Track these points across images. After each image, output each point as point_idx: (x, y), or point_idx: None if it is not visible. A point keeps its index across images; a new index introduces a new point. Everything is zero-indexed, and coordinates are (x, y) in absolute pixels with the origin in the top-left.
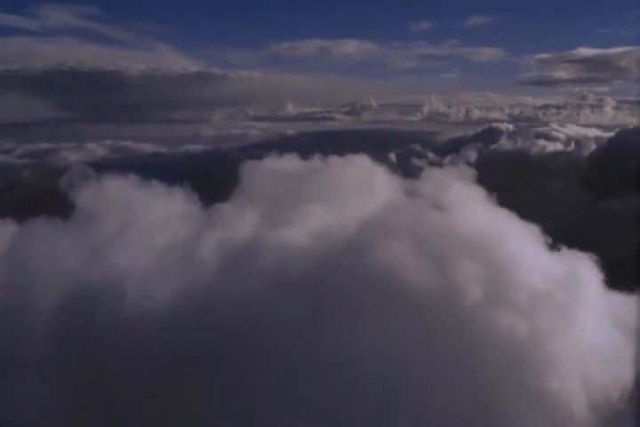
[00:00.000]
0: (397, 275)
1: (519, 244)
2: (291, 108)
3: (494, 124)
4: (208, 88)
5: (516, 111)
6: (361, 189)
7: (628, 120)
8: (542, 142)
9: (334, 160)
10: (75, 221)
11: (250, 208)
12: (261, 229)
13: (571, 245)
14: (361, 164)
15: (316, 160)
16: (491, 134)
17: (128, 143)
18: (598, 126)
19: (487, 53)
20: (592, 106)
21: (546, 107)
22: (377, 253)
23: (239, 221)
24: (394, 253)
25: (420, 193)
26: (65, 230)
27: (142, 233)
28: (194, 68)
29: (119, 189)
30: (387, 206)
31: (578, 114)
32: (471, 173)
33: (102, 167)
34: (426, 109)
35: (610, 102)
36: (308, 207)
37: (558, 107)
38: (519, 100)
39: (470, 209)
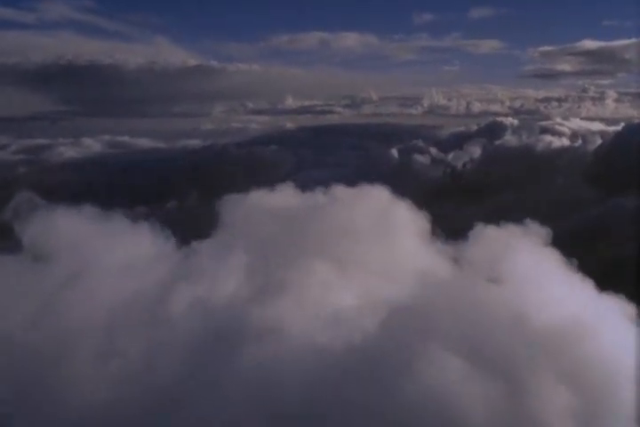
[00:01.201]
0: (450, 399)
1: (618, 338)
2: (291, 102)
3: (498, 119)
4: (207, 81)
5: (517, 104)
6: (381, 240)
7: (630, 113)
8: (548, 138)
9: (343, 193)
10: (20, 263)
11: (233, 257)
12: (247, 295)
13: (579, 244)
14: (378, 199)
15: (318, 194)
16: (494, 129)
17: (125, 138)
18: (600, 119)
19: (489, 46)
20: (593, 98)
21: (547, 100)
22: (416, 362)
23: (219, 276)
24: (441, 362)
25: (467, 259)
26: (7, 274)
27: (99, 282)
28: (192, 61)
29: (74, 223)
30: (423, 279)
31: (579, 107)
32: (543, 231)
33: (98, 163)
34: (426, 102)
35: (611, 95)
36: (309, 266)
37: (559, 99)
38: (520, 92)
39: (544, 284)
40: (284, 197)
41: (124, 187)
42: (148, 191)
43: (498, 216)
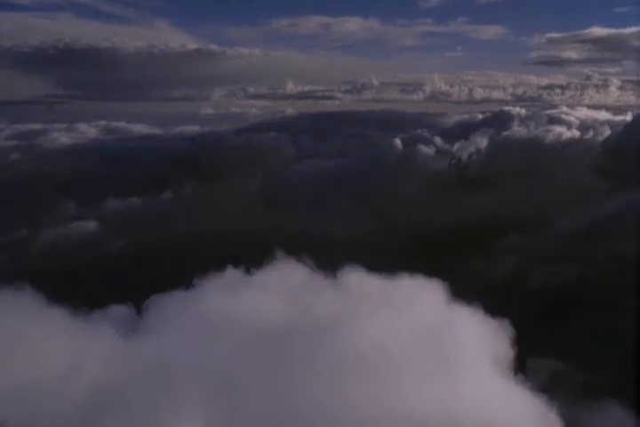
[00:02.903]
0: None
1: None
2: (291, 87)
3: (505, 109)
4: (207, 66)
5: (520, 91)
6: (439, 388)
7: (633, 101)
8: (557, 129)
9: (362, 285)
10: None
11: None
12: None
13: (593, 241)
14: (425, 299)
15: (324, 279)
16: (501, 119)
17: (122, 124)
18: (604, 107)
19: (494, 32)
20: (597, 86)
21: (550, 87)
22: None
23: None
24: None
25: None
26: None
27: None
28: (192, 45)
29: None
30: None
31: (582, 94)
32: None
33: (92, 151)
34: (428, 88)
35: (615, 83)
36: None
37: (562, 87)
38: (523, 79)
39: None
40: (271, 291)
41: (118, 176)
42: (143, 181)
43: (504, 211)
